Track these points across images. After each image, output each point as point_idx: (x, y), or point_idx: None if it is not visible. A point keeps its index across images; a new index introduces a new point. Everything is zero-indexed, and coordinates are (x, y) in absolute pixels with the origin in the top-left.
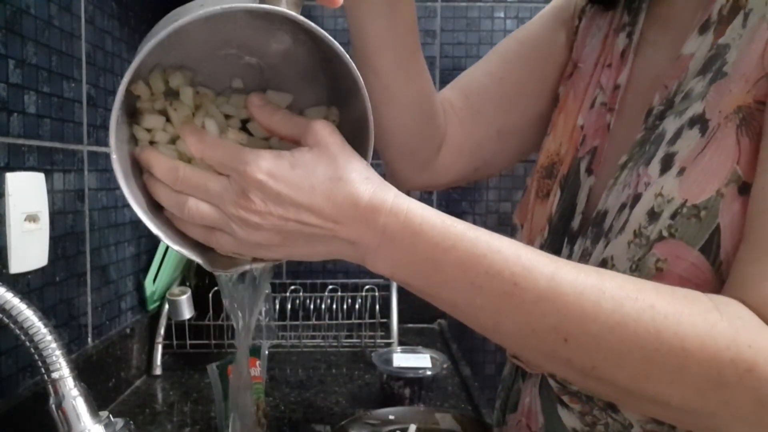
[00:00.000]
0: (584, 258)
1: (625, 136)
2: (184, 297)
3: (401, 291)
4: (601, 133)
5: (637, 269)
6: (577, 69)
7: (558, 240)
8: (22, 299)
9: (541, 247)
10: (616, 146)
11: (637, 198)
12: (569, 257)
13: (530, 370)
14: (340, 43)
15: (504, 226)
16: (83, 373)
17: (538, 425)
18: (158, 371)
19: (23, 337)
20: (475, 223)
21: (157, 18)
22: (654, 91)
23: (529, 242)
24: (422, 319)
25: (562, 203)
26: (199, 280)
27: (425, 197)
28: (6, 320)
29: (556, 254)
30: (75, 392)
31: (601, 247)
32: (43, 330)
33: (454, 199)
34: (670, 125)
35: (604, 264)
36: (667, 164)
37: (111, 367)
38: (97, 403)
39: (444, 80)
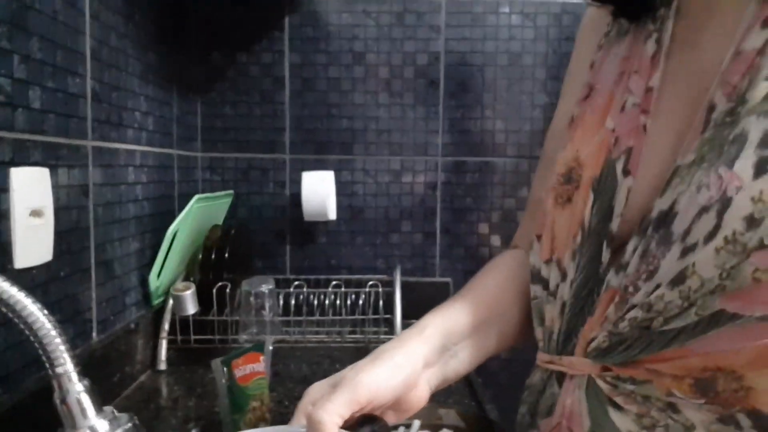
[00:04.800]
0: (646, 260)
1: (664, 137)
2: (188, 292)
3: (404, 287)
4: (636, 134)
5: (728, 278)
6: (593, 90)
7: (595, 244)
8: (26, 294)
9: (574, 254)
10: (653, 147)
11: (725, 202)
12: (610, 261)
13: (574, 372)
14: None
15: (508, 222)
16: (88, 368)
17: (584, 429)
18: (163, 366)
19: (28, 332)
20: (479, 219)
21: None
22: (700, 89)
23: (553, 250)
24: (425, 314)
25: (597, 206)
26: (203, 276)
27: (428, 193)
28: (11, 315)
29: (595, 257)
30: (79, 387)
31: (677, 251)
32: (48, 325)
33: (458, 195)
34: (754, 125)
35: (683, 271)
36: (762, 167)
37: (115, 362)
38: (102, 398)
39: (449, 75)
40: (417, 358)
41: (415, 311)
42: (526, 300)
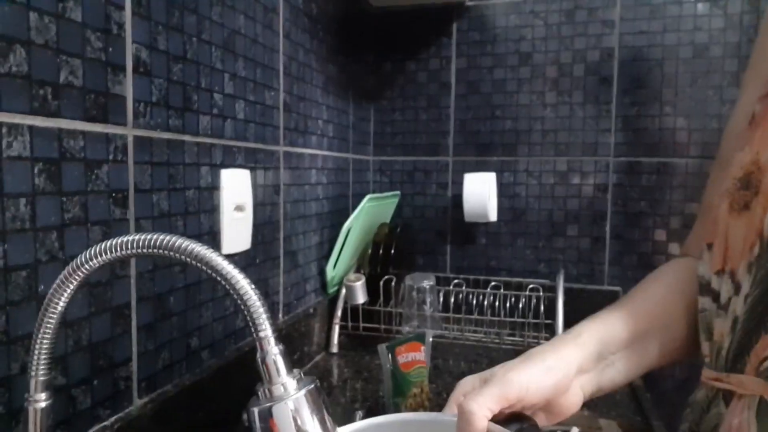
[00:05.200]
0: None
1: None
2: (359, 283)
3: (569, 293)
4: None
5: None
6: None
7: None
8: (240, 271)
9: (750, 266)
10: None
11: None
12: None
13: (744, 391)
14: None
15: (689, 228)
16: None
17: None
18: (335, 349)
19: (239, 302)
20: (655, 226)
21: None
22: None
23: (725, 261)
24: None
25: None
26: (372, 269)
27: (598, 196)
28: (228, 287)
29: None
30: (276, 350)
31: None
32: (255, 297)
33: (632, 198)
34: None
35: None
36: None
37: (296, 341)
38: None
39: (623, 71)
40: (570, 363)
41: (579, 319)
42: (694, 313)
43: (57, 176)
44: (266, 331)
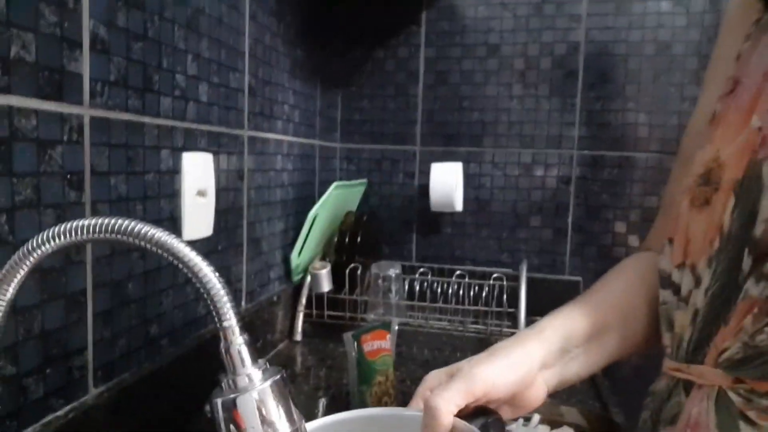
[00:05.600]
0: None
1: None
2: (324, 271)
3: (531, 283)
4: None
5: None
6: (739, 85)
7: (734, 250)
8: (202, 258)
9: (710, 260)
10: None
11: None
12: (751, 269)
13: (704, 382)
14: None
15: (648, 221)
16: None
17: None
18: (299, 337)
19: (202, 291)
20: (615, 219)
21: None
22: None
23: (686, 255)
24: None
25: (739, 210)
26: (337, 257)
27: (561, 188)
28: (190, 275)
29: (735, 264)
30: (240, 340)
31: None
32: (218, 285)
33: (594, 192)
34: None
35: None
36: None
37: (260, 329)
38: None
39: (588, 66)
40: (534, 358)
41: (541, 308)
42: (655, 306)
43: (7, 156)
44: (230, 320)
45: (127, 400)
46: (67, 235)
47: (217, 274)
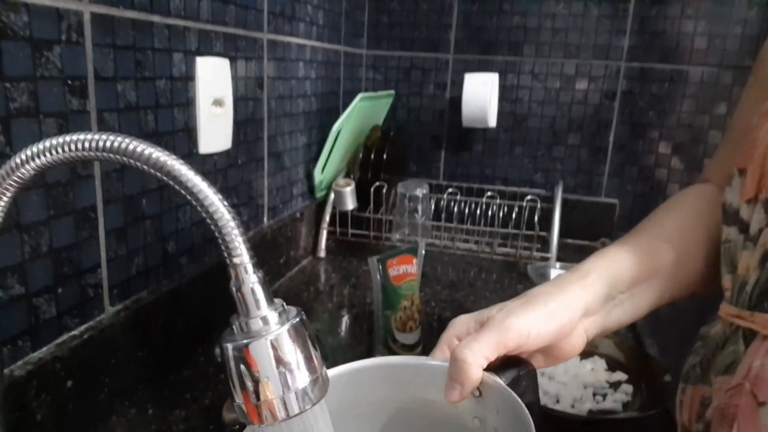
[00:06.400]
0: None
1: None
2: (348, 189)
3: (565, 205)
4: None
5: None
6: None
7: None
8: (209, 184)
9: None
10: None
11: None
12: None
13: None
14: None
15: (696, 142)
16: (259, 248)
17: None
18: (322, 254)
19: (209, 221)
20: (660, 138)
21: None
22: None
23: (760, 188)
24: (584, 236)
25: None
26: (362, 175)
27: (605, 103)
28: (194, 203)
29: None
30: (254, 278)
31: None
32: (227, 216)
33: (640, 108)
34: None
35: None
36: None
37: (282, 245)
38: (269, 276)
39: None
40: (575, 306)
41: (573, 231)
42: (713, 246)
43: None
44: (242, 256)
45: (146, 318)
46: (49, 154)
47: (225, 203)
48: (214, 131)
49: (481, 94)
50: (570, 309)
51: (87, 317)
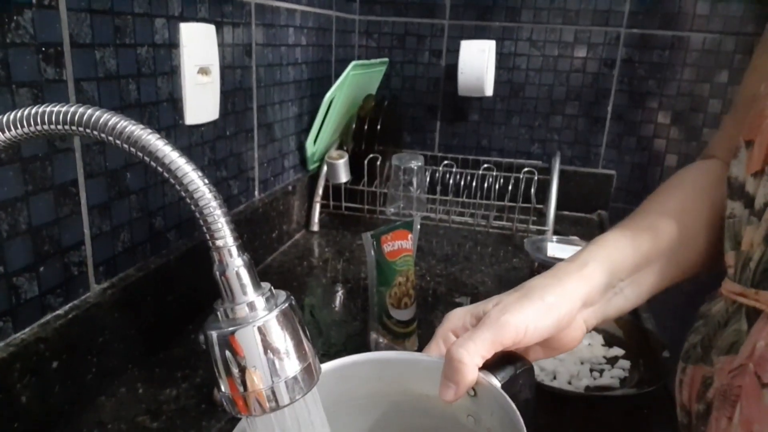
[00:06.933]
0: None
1: None
2: (341, 161)
3: (562, 176)
4: None
5: None
6: None
7: None
8: (187, 161)
9: None
10: None
11: None
12: None
13: None
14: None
15: (696, 112)
16: (251, 222)
17: None
18: (315, 228)
19: (188, 201)
20: (659, 107)
21: None
22: None
23: (767, 162)
24: (581, 208)
25: None
26: (356, 146)
27: (604, 72)
28: (172, 182)
29: None
30: (239, 262)
31: None
32: (208, 195)
33: (640, 76)
34: None
35: None
36: None
37: (275, 219)
38: (261, 251)
39: None
40: (574, 298)
41: (570, 203)
42: (718, 227)
43: None
44: (226, 238)
45: (134, 296)
46: (12, 128)
47: (206, 181)
48: (201, 101)
49: (477, 62)
50: (568, 301)
51: (72, 296)
